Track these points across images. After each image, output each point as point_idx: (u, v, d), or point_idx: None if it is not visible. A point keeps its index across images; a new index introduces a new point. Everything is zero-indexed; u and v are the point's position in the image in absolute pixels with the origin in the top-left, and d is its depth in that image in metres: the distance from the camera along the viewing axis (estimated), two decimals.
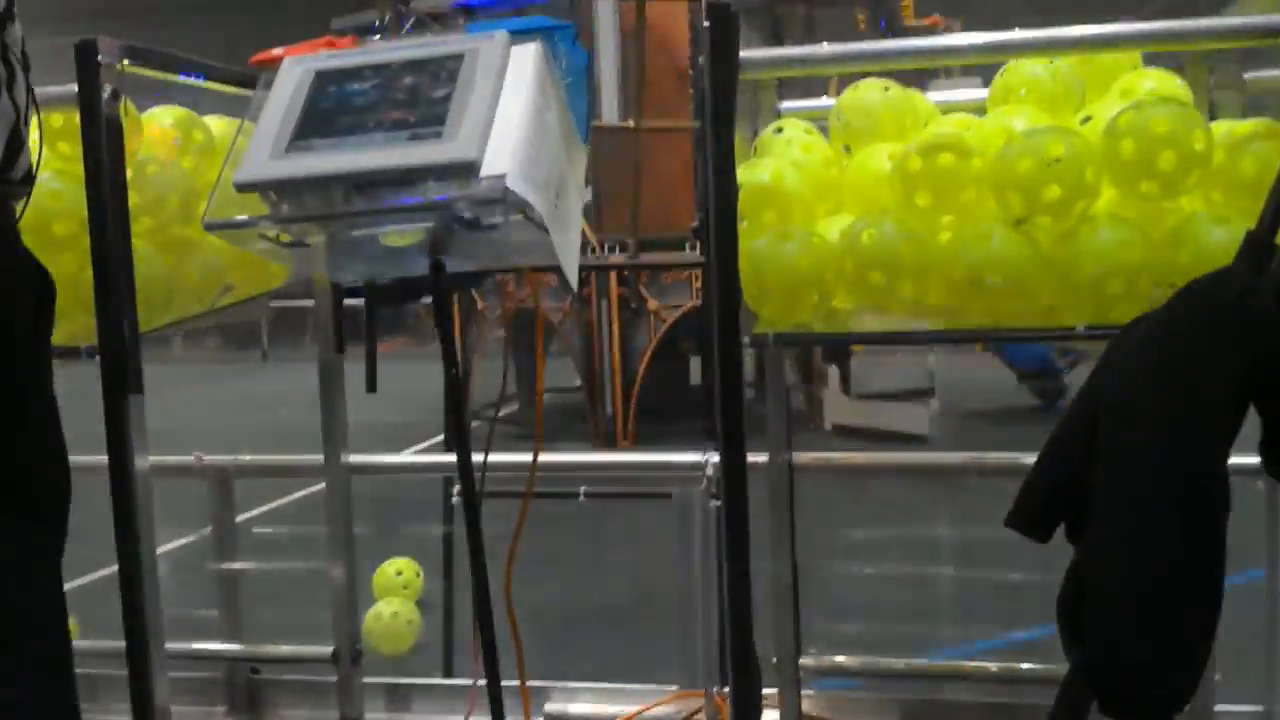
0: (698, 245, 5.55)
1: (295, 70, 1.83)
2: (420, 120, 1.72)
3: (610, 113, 5.99)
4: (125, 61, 1.77)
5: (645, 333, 5.48)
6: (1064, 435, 1.39)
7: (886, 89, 1.86)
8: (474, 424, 4.45)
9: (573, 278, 1.79)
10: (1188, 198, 1.56)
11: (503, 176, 1.62)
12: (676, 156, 6.01)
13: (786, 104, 2.24)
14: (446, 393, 1.88)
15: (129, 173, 1.79)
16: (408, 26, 5.46)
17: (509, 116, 1.71)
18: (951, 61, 1.78)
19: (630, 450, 2.06)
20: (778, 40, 5.92)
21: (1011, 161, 1.54)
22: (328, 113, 1.76)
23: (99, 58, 1.73)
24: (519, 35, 1.82)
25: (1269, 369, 1.29)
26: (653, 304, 5.47)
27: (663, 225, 5.94)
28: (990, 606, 3.56)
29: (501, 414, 6.46)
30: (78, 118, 1.71)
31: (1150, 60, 1.97)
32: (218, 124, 2.10)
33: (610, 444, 5.35)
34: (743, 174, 1.70)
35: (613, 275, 5.40)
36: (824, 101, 2.23)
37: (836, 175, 1.82)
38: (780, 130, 2.01)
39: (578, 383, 5.54)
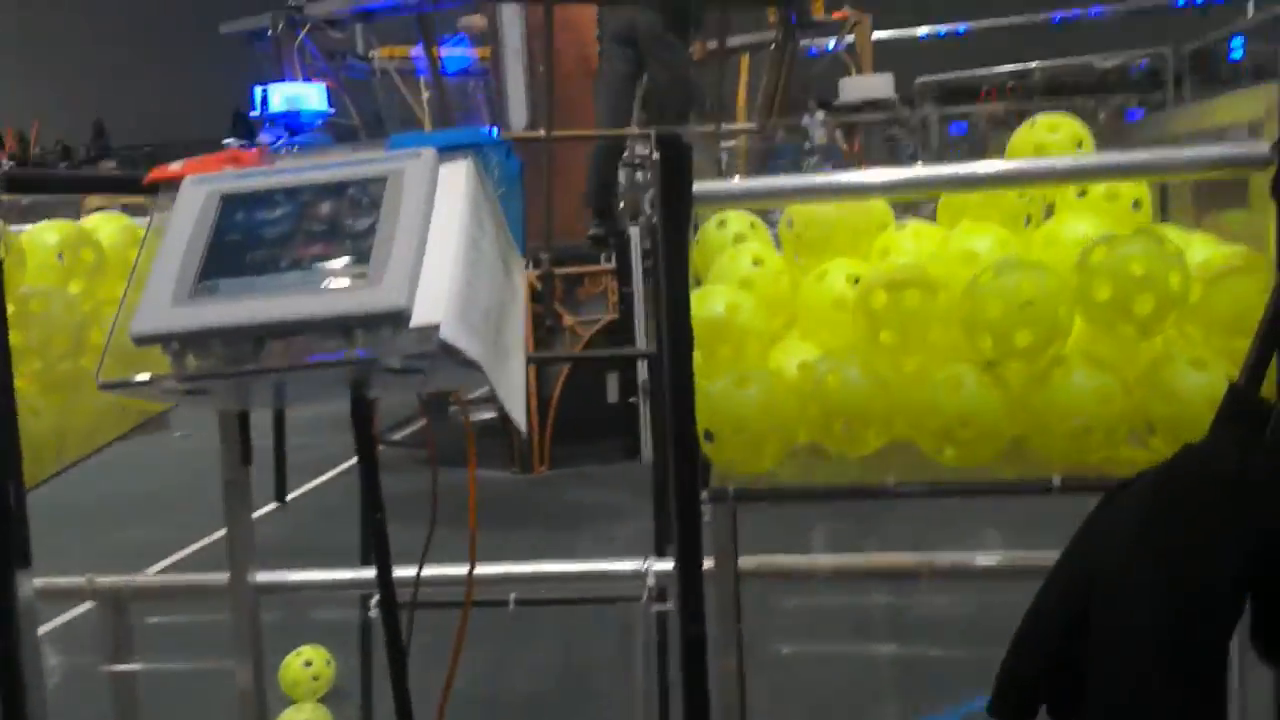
0: (610, 256, 5.43)
1: (198, 193, 1.65)
2: (341, 257, 1.53)
3: (518, 118, 5.79)
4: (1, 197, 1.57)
5: (561, 350, 5.34)
6: (1048, 610, 1.32)
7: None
8: (380, 448, 4.25)
9: (518, 413, 1.65)
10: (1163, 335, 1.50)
11: (436, 326, 1.48)
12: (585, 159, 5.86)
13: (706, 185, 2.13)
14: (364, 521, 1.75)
15: (9, 308, 1.60)
16: (302, 34, 5.16)
17: (441, 249, 1.56)
18: (912, 195, 1.68)
19: (569, 561, 1.97)
20: (685, 28, 5.74)
21: (980, 303, 1.46)
22: (235, 246, 1.58)
23: None
24: (448, 151, 1.67)
25: (1271, 546, 1.24)
26: (568, 320, 5.33)
27: (577, 231, 5.81)
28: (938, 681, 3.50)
29: (407, 432, 6.27)
30: None
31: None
32: (110, 224, 1.90)
33: (526, 467, 5.21)
34: (696, 305, 1.58)
35: (526, 291, 5.23)
36: (751, 184, 2.12)
37: (790, 290, 1.72)
38: (723, 224, 1.91)
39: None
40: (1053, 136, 1.79)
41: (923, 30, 10.42)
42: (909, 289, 1.49)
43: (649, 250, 5.32)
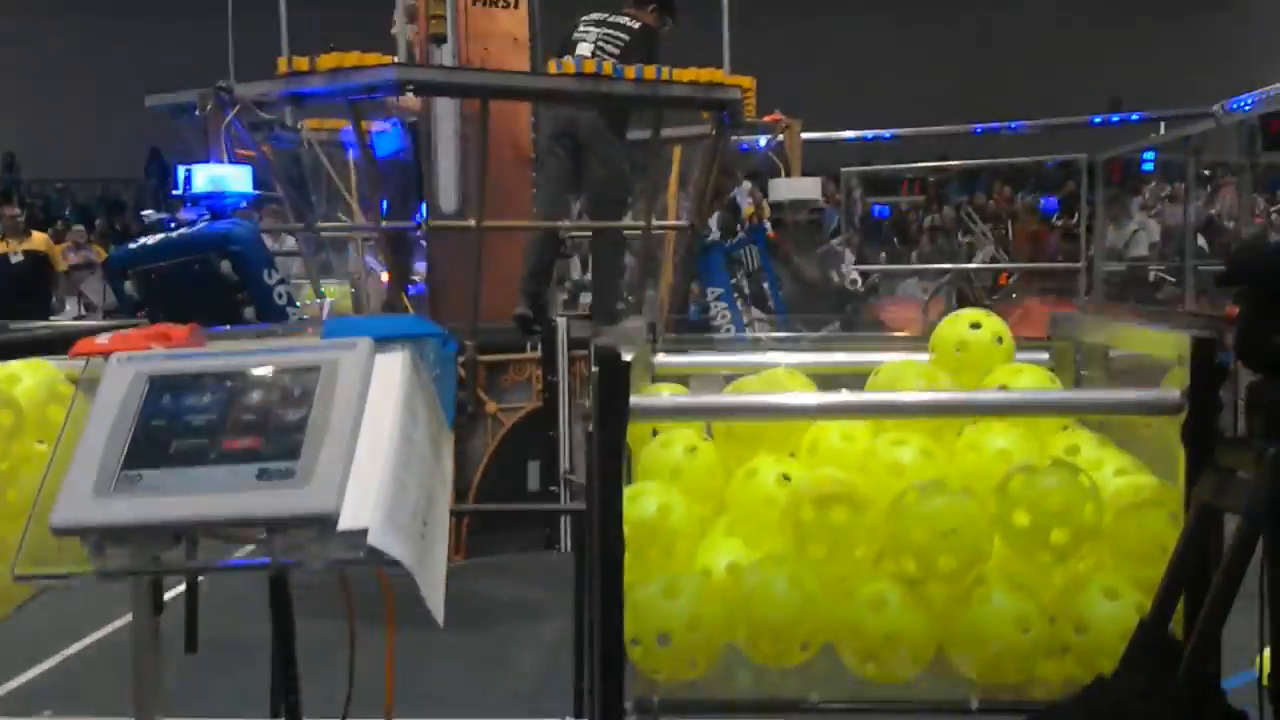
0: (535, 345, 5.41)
1: (125, 372, 1.61)
2: (270, 452, 1.51)
3: (447, 202, 5.78)
4: None
5: (482, 437, 5.30)
6: None
7: (780, 380, 1.80)
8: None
9: (436, 603, 1.63)
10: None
11: (364, 531, 1.46)
12: (515, 243, 5.86)
13: (660, 359, 2.15)
14: None
15: None
16: (230, 115, 5.09)
17: (373, 446, 1.54)
18: (837, 418, 1.72)
19: None
20: (624, 127, 5.85)
21: (905, 526, 1.50)
22: (161, 434, 1.54)
23: None
24: (383, 342, 1.66)
25: None
26: (491, 406, 5.30)
27: (504, 314, 5.80)
28: None
29: None
30: None
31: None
32: (32, 375, 1.84)
33: None
34: (628, 506, 1.60)
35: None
36: (688, 400, 2.14)
37: (721, 484, 1.74)
38: (655, 433, 1.92)
39: None
40: (975, 333, 1.86)
41: (850, 134, 10.75)
42: (837, 505, 1.52)
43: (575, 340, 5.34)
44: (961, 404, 1.61)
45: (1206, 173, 9.37)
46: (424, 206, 5.74)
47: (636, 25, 5.60)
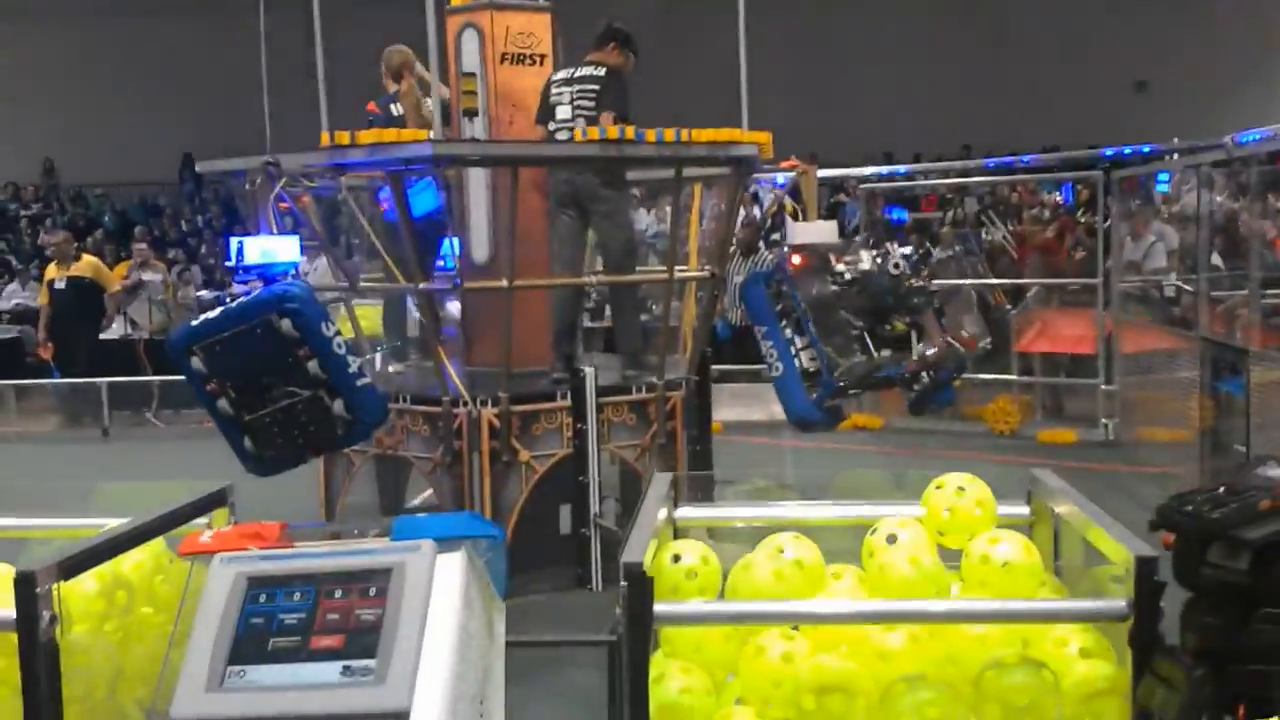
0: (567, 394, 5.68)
1: (227, 574, 1.91)
2: (351, 650, 1.82)
3: (480, 253, 6.06)
4: (60, 584, 1.81)
5: (517, 484, 5.59)
6: None
7: (782, 551, 2.06)
8: None
9: None
10: None
11: None
12: (546, 293, 6.13)
13: (682, 511, 2.42)
14: None
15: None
16: (277, 186, 5.40)
17: (437, 645, 1.83)
18: (828, 622, 1.97)
19: None
20: (623, 184, 6.12)
21: (894, 717, 1.76)
22: (259, 632, 1.84)
23: (36, 589, 1.76)
24: (444, 543, 1.93)
25: None
26: (524, 455, 5.58)
27: (534, 359, 6.07)
28: None
29: None
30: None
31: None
32: (142, 547, 2.13)
33: None
34: (654, 689, 1.87)
35: (485, 428, 5.49)
36: (719, 510, 2.42)
37: (735, 649, 2.01)
38: (678, 558, 2.19)
39: None
40: (960, 501, 2.12)
41: (867, 170, 10.94)
42: (833, 694, 1.79)
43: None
44: (932, 613, 1.86)
45: (1220, 198, 9.50)
46: (458, 258, 6.04)
47: (602, 72, 5.82)
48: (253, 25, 5.92)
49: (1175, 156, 9.30)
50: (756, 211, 11.56)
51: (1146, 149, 8.66)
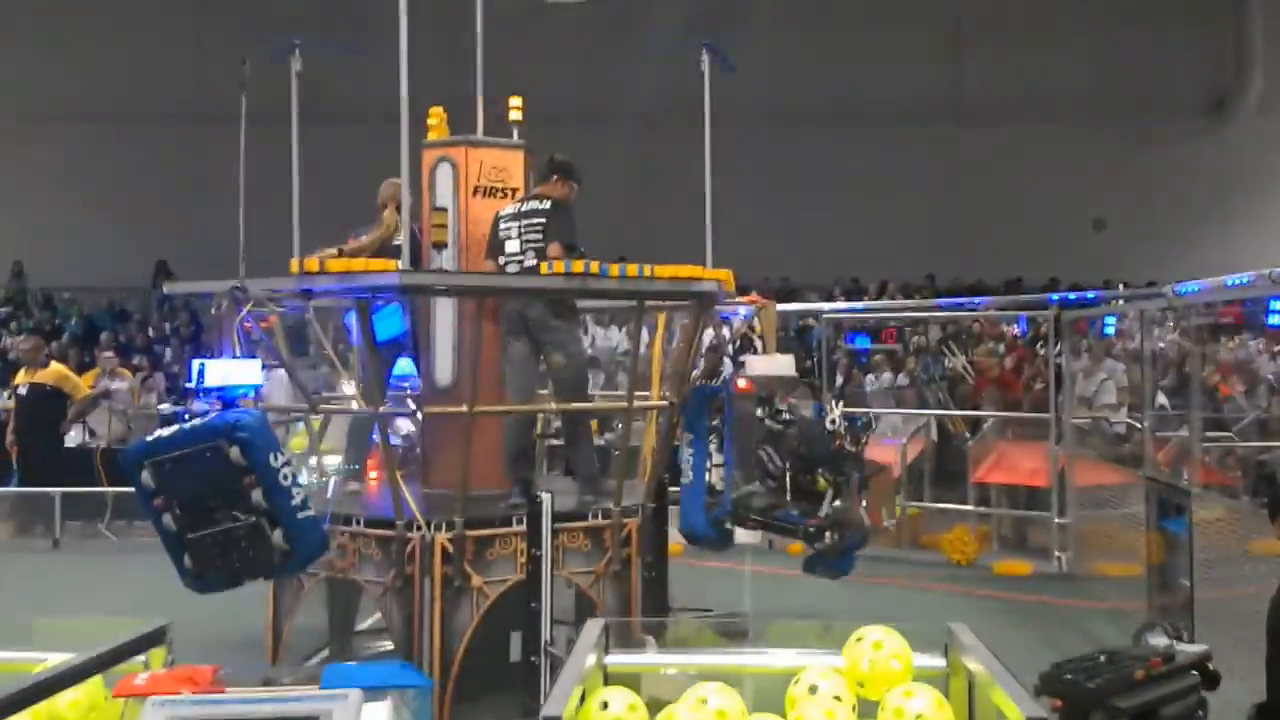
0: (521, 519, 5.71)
1: (158, 717, 1.94)
2: None
3: (443, 377, 6.18)
4: None
5: (468, 610, 5.58)
6: None
7: (705, 701, 2.12)
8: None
9: None
10: None
11: None
12: (498, 420, 6.21)
13: (612, 658, 2.48)
14: None
15: None
16: (243, 311, 5.50)
17: None
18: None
19: None
20: (573, 313, 6.30)
21: None
22: None
23: None
24: (372, 692, 1.99)
25: None
26: (476, 580, 5.59)
27: (491, 481, 6.12)
28: None
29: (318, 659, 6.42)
30: None
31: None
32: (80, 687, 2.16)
33: None
34: None
35: (438, 552, 5.51)
36: (648, 657, 2.48)
37: None
38: (606, 705, 2.24)
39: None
40: (878, 655, 2.20)
41: (826, 305, 11.31)
42: None
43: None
44: None
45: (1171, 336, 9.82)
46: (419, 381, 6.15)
47: (547, 205, 6.04)
48: (233, 136, 6.12)
49: (1121, 302, 9.67)
50: (726, 332, 11.79)
51: (1091, 295, 9.00)
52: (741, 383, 5.36)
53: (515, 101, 6.34)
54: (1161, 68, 20.17)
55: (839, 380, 12.51)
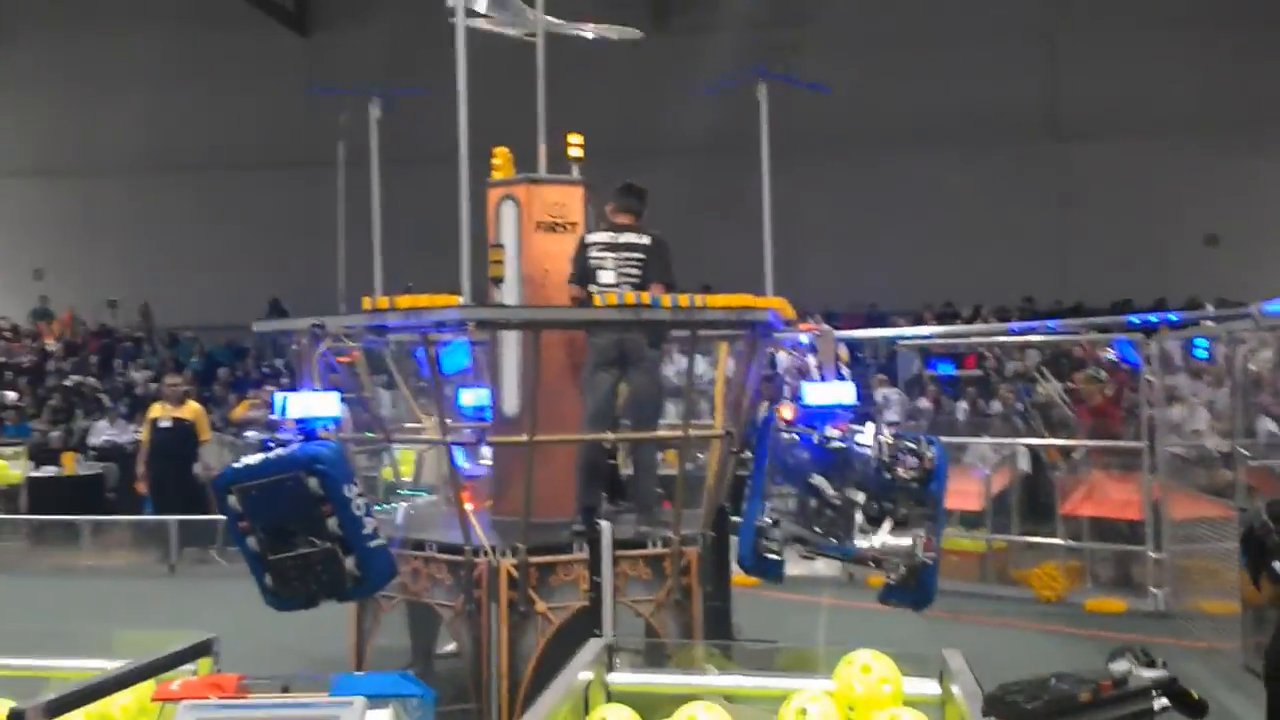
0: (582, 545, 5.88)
1: (190, 718, 2.19)
2: None
3: (510, 405, 6.43)
4: None
5: (534, 635, 5.78)
6: None
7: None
8: None
9: None
10: None
11: None
12: (568, 447, 6.38)
13: (614, 677, 2.64)
14: None
15: None
16: (320, 346, 5.84)
17: None
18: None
19: None
20: (662, 344, 6.47)
21: None
22: None
23: None
24: (376, 700, 2.20)
25: None
26: (540, 606, 5.79)
27: (558, 509, 6.30)
28: None
29: None
30: None
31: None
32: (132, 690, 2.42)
33: None
34: None
35: (504, 578, 5.73)
36: (650, 677, 2.63)
37: None
38: None
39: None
40: (866, 678, 2.31)
41: (891, 332, 11.24)
42: None
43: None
44: None
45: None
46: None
47: (646, 240, 6.21)
48: (333, 180, 6.52)
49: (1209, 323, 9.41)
50: (783, 359, 11.76)
51: (1174, 317, 8.79)
52: (787, 411, 5.42)
53: (575, 139, 6.58)
54: (1275, 77, 19.40)
55: (926, 405, 12.39)
